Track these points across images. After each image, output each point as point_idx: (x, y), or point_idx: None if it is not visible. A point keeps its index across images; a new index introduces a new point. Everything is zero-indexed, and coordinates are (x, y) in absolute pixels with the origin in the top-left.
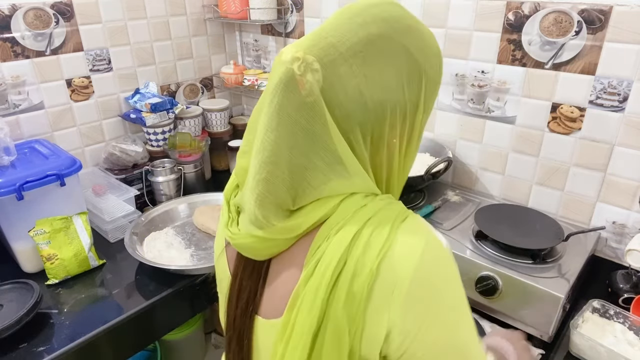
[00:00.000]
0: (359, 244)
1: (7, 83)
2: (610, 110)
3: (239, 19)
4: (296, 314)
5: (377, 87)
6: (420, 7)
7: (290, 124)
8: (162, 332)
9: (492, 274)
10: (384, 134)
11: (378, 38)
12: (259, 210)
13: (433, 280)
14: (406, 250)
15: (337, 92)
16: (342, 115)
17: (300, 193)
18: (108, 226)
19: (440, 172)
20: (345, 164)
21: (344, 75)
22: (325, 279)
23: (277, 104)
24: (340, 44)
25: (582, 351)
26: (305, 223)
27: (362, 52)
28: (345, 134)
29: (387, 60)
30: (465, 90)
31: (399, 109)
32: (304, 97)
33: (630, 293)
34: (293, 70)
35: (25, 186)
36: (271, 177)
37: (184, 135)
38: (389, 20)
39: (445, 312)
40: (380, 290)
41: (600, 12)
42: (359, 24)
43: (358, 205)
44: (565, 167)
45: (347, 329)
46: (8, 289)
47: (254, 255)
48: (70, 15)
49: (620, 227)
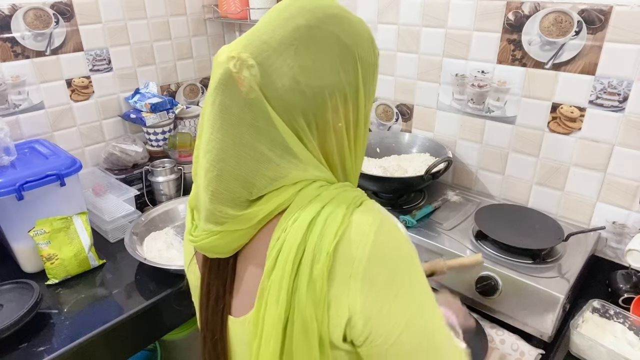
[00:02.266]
0: (316, 230)
1: (7, 83)
2: (610, 110)
3: (239, 19)
4: (264, 308)
5: (312, 74)
6: (420, 7)
7: (234, 122)
8: (162, 332)
9: (492, 274)
10: (328, 119)
11: (306, 29)
12: (213, 205)
13: (388, 260)
14: (360, 233)
15: (275, 85)
16: (283, 106)
17: (257, 184)
18: (108, 226)
19: (440, 172)
20: (295, 153)
21: (280, 68)
22: (287, 269)
23: (219, 103)
24: (271, 39)
25: (582, 351)
26: (264, 210)
27: (294, 45)
28: (290, 125)
29: (318, 48)
30: (465, 90)
31: (338, 93)
32: (245, 94)
33: (630, 293)
34: (229, 69)
35: (25, 186)
36: (222, 173)
37: (184, 135)
38: (315, 11)
39: (403, 292)
40: (338, 273)
41: (600, 12)
42: (287, 18)
43: (313, 194)
44: (565, 167)
45: (314, 316)
46: (8, 289)
47: (218, 253)
48: (70, 15)
49: (620, 227)
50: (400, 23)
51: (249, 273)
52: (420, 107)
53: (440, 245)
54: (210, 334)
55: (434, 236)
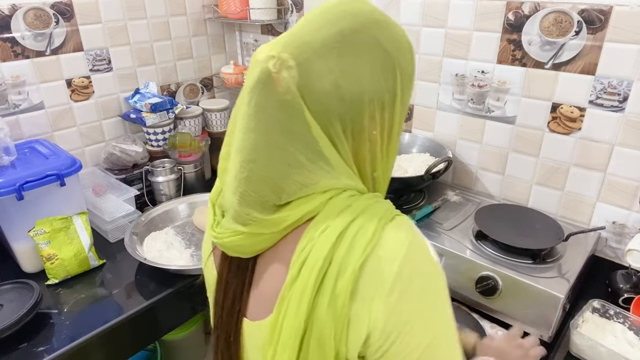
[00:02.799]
0: (344, 244)
1: (7, 83)
2: (610, 110)
3: (239, 19)
4: (283, 317)
5: (352, 80)
6: (420, 7)
7: (269, 123)
8: (162, 332)
9: (492, 274)
10: (364, 126)
11: (350, 32)
12: (241, 207)
13: (415, 283)
14: (390, 253)
15: (314, 87)
16: (321, 110)
17: (286, 189)
18: (108, 226)
19: (440, 172)
20: (328, 159)
21: (320, 70)
22: (311, 281)
23: (255, 103)
24: (313, 40)
25: (582, 351)
26: (291, 217)
27: (336, 48)
28: (325, 129)
29: (360, 53)
30: (465, 90)
31: (377, 100)
32: (282, 95)
33: (630, 293)
34: (269, 69)
35: (25, 186)
36: (253, 175)
37: (184, 135)
38: (359, 15)
39: (427, 316)
40: (362, 290)
41: (600, 12)
42: (330, 20)
43: (344, 204)
44: (565, 167)
45: (332, 332)
46: (8, 289)
47: (240, 253)
48: (70, 15)
49: (620, 227)
50: (400, 23)
51: (269, 278)
52: (420, 107)
53: (440, 245)
54: (224, 334)
55: (434, 236)
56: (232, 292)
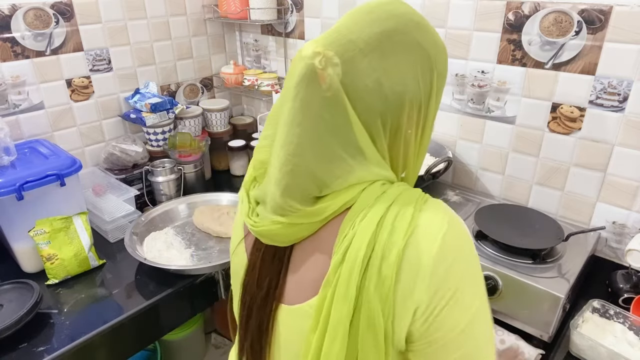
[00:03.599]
0: (385, 228)
1: (7, 83)
2: (610, 110)
3: (239, 19)
4: (330, 302)
5: (395, 79)
6: (420, 7)
7: (314, 118)
8: (162, 332)
9: (492, 274)
10: (402, 124)
11: (394, 33)
12: (283, 199)
13: (456, 262)
14: (430, 233)
15: (358, 85)
16: (364, 107)
17: (326, 182)
18: (108, 226)
19: (440, 172)
20: (365, 154)
21: (364, 69)
22: (357, 265)
23: (302, 99)
24: (358, 39)
25: (582, 351)
26: (331, 207)
27: (380, 47)
28: (366, 126)
29: (402, 53)
30: (465, 90)
31: (415, 100)
32: (325, 91)
33: (630, 293)
34: (314, 65)
35: (25, 186)
36: (297, 168)
37: (184, 135)
38: (401, 17)
39: (467, 293)
40: (407, 271)
41: (600, 12)
42: (374, 20)
43: (379, 192)
44: (565, 167)
45: (380, 312)
46: (8, 289)
47: (278, 242)
48: (70, 15)
49: (620, 227)
50: None
51: (308, 264)
52: None
53: None
54: (257, 323)
55: None
56: (267, 282)
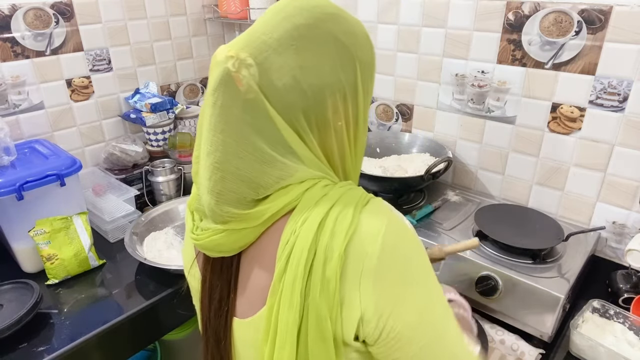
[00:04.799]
0: (326, 231)
1: (7, 83)
2: (610, 110)
3: (239, 19)
4: (277, 311)
5: (312, 74)
6: (420, 7)
7: (236, 122)
8: (162, 332)
9: (492, 274)
10: (328, 118)
11: (305, 28)
12: (219, 207)
13: (398, 257)
14: (370, 231)
15: (275, 84)
16: (284, 106)
17: (263, 184)
18: (108, 226)
19: (440, 172)
20: (297, 153)
21: (279, 67)
22: (299, 271)
23: (221, 105)
24: (270, 39)
25: (582, 351)
26: (270, 209)
27: (293, 44)
28: (291, 124)
29: (317, 47)
30: (465, 90)
31: (338, 92)
32: (244, 94)
33: (630, 293)
34: (228, 69)
35: (25, 186)
36: (227, 175)
37: (184, 135)
38: (312, 10)
39: (416, 288)
40: (350, 272)
41: (600, 12)
42: (285, 17)
43: (320, 194)
44: (565, 167)
45: (327, 316)
46: (8, 289)
47: (222, 252)
48: (70, 15)
49: (620, 227)
50: (400, 23)
51: (255, 273)
52: (420, 107)
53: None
54: (214, 336)
55: (434, 236)
56: (218, 294)
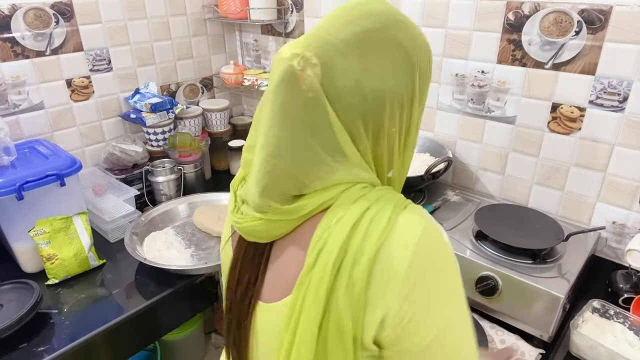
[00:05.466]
0: (359, 232)
1: (7, 83)
2: (610, 110)
3: (239, 19)
4: (301, 303)
5: (374, 78)
6: (420, 7)
7: (293, 119)
8: (162, 332)
9: (492, 274)
10: (384, 124)
11: (371, 32)
12: (262, 199)
13: (428, 268)
14: (403, 239)
15: (337, 85)
16: (344, 107)
17: (306, 182)
18: (108, 226)
19: (440, 172)
20: (347, 156)
21: (343, 69)
22: (328, 268)
23: (281, 101)
24: (336, 40)
25: (582, 351)
26: (309, 205)
27: (358, 47)
28: (347, 126)
29: (381, 52)
30: (465, 90)
31: (397, 99)
32: (306, 92)
33: (630, 293)
34: (293, 66)
35: (25, 186)
36: (276, 169)
37: (184, 135)
38: (379, 15)
39: (441, 302)
40: (378, 277)
41: (600, 12)
42: (352, 20)
43: (358, 194)
44: (565, 167)
45: (349, 317)
46: (8, 289)
47: (257, 238)
48: (70, 15)
49: (620, 227)
50: None
51: (286, 262)
52: None
53: None
54: (236, 318)
55: None
56: (247, 277)
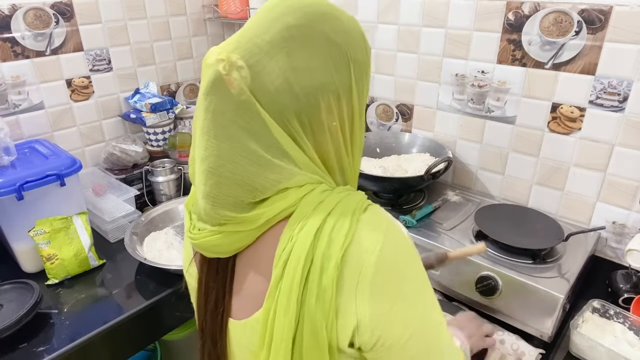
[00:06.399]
0: (323, 239)
1: (7, 83)
2: (610, 110)
3: (239, 19)
4: (273, 316)
5: (304, 75)
6: (420, 7)
7: (229, 126)
8: (162, 332)
9: (492, 274)
10: (322, 120)
11: (296, 28)
12: (215, 211)
13: (396, 267)
14: (367, 242)
15: (267, 87)
16: (276, 108)
17: (259, 187)
18: (108, 226)
19: (440, 172)
20: (291, 157)
21: (271, 70)
22: (296, 279)
23: (213, 109)
24: (261, 41)
25: (582, 351)
26: (267, 213)
27: (284, 46)
28: (284, 127)
29: (309, 48)
30: (465, 90)
31: (331, 93)
32: (236, 97)
33: (630, 293)
34: (219, 71)
35: (25, 186)
36: (222, 179)
37: (184, 135)
38: (304, 10)
39: (412, 298)
40: (347, 281)
41: (600, 12)
42: (275, 18)
43: (317, 200)
44: (565, 167)
45: (323, 324)
46: (8, 289)
47: (218, 253)
48: (70, 15)
49: (620, 227)
50: (400, 23)
51: (251, 276)
52: (420, 107)
53: (440, 245)
54: (210, 336)
55: (434, 236)
56: (214, 294)
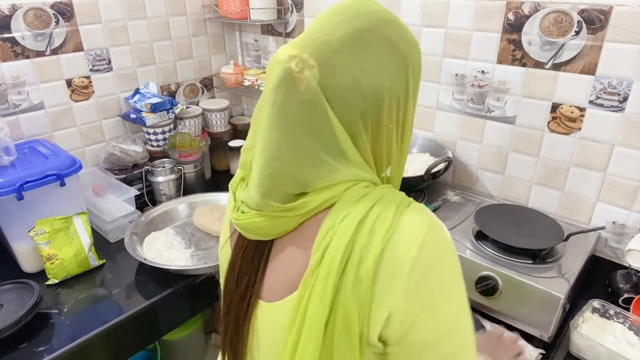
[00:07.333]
0: (364, 231)
1: (7, 83)
2: (610, 110)
3: (239, 19)
4: (307, 301)
5: (372, 76)
6: (420, 7)
7: (292, 122)
8: (162, 332)
9: (492, 274)
10: (382, 121)
11: (364, 31)
12: (263, 200)
13: (433, 265)
14: (408, 237)
15: (336, 85)
16: (343, 107)
17: (308, 183)
18: (108, 226)
19: (440, 172)
20: (347, 156)
21: (341, 69)
22: (334, 266)
23: (280, 103)
24: (331, 40)
25: (582, 351)
26: (312, 202)
27: (353, 46)
28: (346, 126)
29: (375, 51)
30: (465, 90)
31: (393, 96)
32: (304, 94)
33: (630, 293)
34: (291, 68)
35: (25, 186)
36: (277, 172)
37: (184, 135)
38: (370, 15)
39: (445, 298)
40: (383, 274)
41: (600, 12)
42: (344, 20)
43: (362, 193)
44: (565, 167)
45: (356, 314)
46: (8, 289)
47: (260, 235)
48: (70, 15)
49: (620, 227)
50: None
51: (288, 260)
52: (420, 107)
53: None
54: (235, 319)
55: None
56: (246, 276)
